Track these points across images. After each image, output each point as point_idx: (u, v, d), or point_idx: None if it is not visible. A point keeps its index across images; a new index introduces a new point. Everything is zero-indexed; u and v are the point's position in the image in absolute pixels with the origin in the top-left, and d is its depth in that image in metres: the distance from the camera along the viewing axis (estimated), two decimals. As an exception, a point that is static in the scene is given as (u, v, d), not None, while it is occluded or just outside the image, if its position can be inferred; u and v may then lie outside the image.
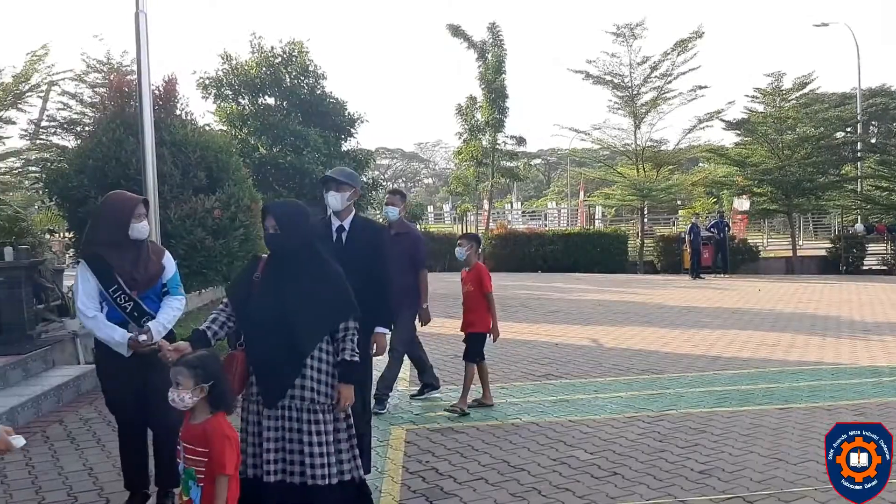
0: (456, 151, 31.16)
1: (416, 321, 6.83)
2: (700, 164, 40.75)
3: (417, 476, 4.99)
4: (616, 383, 7.75)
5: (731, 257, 23.55)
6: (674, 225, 36.64)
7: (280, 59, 21.52)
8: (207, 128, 11.54)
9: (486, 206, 31.43)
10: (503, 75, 28.40)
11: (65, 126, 20.65)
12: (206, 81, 21.30)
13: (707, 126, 28.91)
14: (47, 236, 11.74)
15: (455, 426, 6.17)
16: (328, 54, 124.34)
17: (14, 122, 21.22)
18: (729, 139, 33.16)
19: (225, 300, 3.91)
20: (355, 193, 4.76)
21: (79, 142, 12.02)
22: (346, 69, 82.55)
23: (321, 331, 3.60)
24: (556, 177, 72.59)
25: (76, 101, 20.82)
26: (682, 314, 13.26)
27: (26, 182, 20.96)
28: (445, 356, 9.11)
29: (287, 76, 21.52)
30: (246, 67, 21.38)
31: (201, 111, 29.90)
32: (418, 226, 26.53)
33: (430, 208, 51.43)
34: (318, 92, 21.86)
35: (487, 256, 27.41)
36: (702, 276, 21.99)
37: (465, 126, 29.47)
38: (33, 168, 21.16)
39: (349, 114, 22.19)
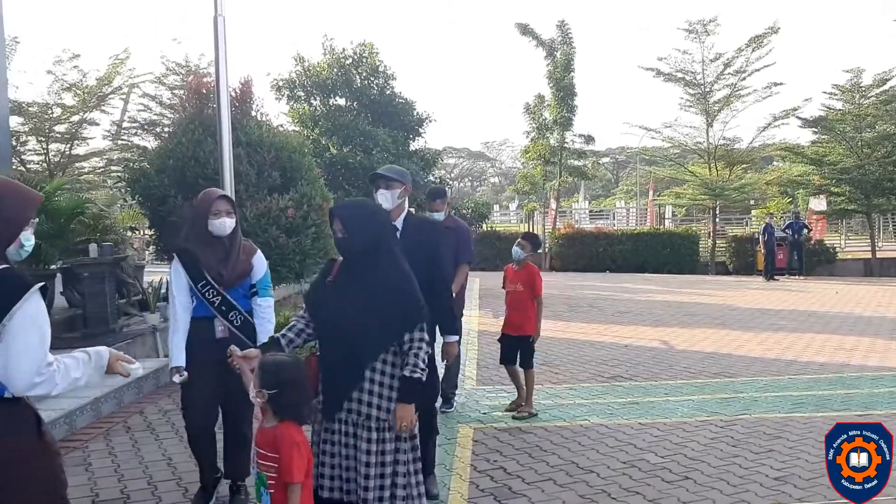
0: (523, 150, 31.01)
1: None
2: (774, 163, 39.64)
3: (486, 475, 5.02)
4: (687, 386, 7.63)
5: (806, 259, 22.86)
6: (747, 225, 35.72)
7: (351, 60, 21.83)
8: (281, 128, 11.79)
9: (553, 205, 31.19)
10: (572, 73, 28.15)
11: (145, 127, 21.37)
12: (280, 83, 21.77)
13: (782, 124, 28.12)
14: (129, 234, 12.16)
15: (523, 426, 6.18)
16: (397, 54, 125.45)
17: (98, 124, 22.13)
18: (805, 137, 32.22)
19: (303, 305, 3.78)
20: (406, 190, 4.52)
21: (158, 142, 12.44)
22: (414, 69, 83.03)
23: (385, 341, 3.33)
24: (624, 175, 71.61)
25: (156, 102, 21.54)
26: (756, 316, 12.95)
27: (109, 181, 21.78)
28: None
29: (357, 77, 21.81)
30: (318, 69, 21.76)
31: (275, 112, 30.53)
32: (484, 225, 26.58)
33: (496, 207, 51.36)
34: (388, 92, 22.09)
35: (554, 256, 27.26)
36: (776, 277, 21.41)
37: (533, 124, 29.31)
38: (115, 167, 21.99)
39: (417, 113, 22.37)
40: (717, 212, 28.91)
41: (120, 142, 22.38)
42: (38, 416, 2.43)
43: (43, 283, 2.34)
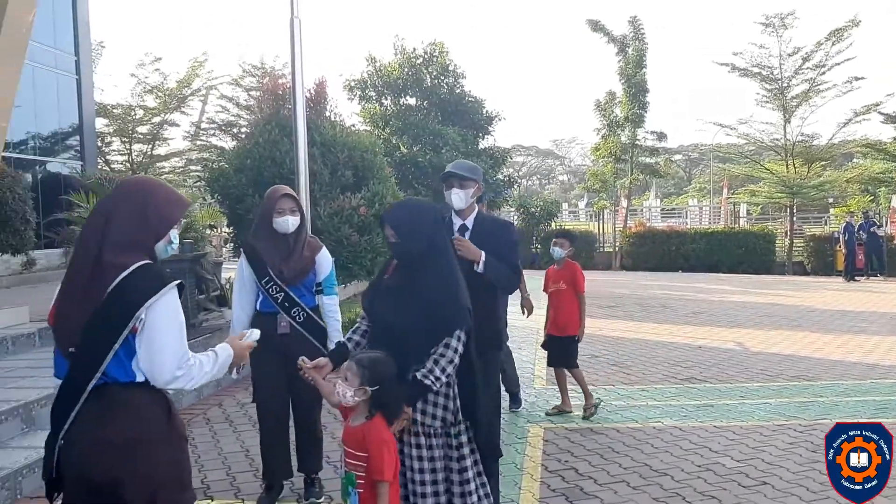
0: (594, 147, 30.72)
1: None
2: (855, 160, 38.23)
3: (557, 475, 5.01)
4: (764, 389, 7.45)
5: (888, 259, 21.98)
6: (825, 224, 34.58)
7: (421, 59, 22.02)
8: (353, 128, 11.98)
9: (624, 204, 30.78)
10: (644, 69, 27.76)
11: (222, 128, 22.03)
12: (352, 84, 22.09)
13: (864, 119, 27.15)
14: (208, 231, 12.53)
15: (594, 426, 6.14)
16: (467, 53, 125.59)
17: (178, 125, 22.98)
18: (888, 133, 30.90)
19: None
20: (479, 189, 4.33)
21: (235, 143, 12.80)
22: (484, 67, 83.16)
23: (428, 344, 3.22)
24: (697, 173, 70.07)
25: (233, 104, 22.22)
26: (836, 318, 12.53)
27: (188, 180, 22.52)
28: (582, 355, 9.08)
29: (427, 76, 21.98)
30: (389, 69, 22.02)
31: (347, 112, 31.00)
32: (553, 224, 26.43)
33: (565, 205, 50.90)
34: (458, 91, 22.20)
35: (624, 255, 26.90)
36: (856, 278, 20.66)
37: (604, 121, 29.02)
38: (194, 167, 22.73)
39: (487, 112, 22.42)
40: (795, 210, 28.09)
41: (198, 142, 23.10)
42: (168, 400, 2.54)
43: (180, 281, 2.47)
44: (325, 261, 4.59)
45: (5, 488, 4.51)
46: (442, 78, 22.04)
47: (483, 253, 4.05)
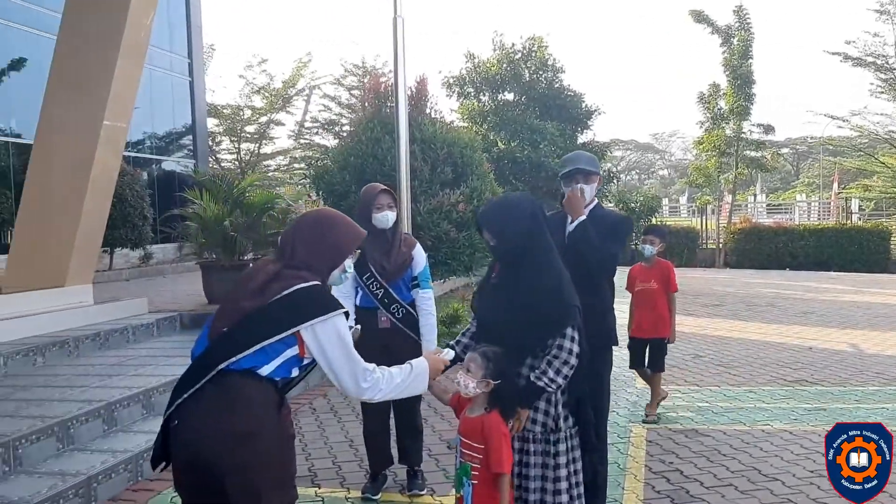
0: (696, 141, 29.86)
1: None
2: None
3: (661, 476, 4.93)
4: (880, 393, 7.10)
5: None
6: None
7: (520, 54, 21.96)
8: (452, 125, 12.07)
9: (728, 199, 29.80)
10: (750, 60, 26.81)
11: (325, 126, 22.60)
12: (451, 80, 22.25)
13: None
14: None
15: (699, 428, 6.00)
16: (566, 47, 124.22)
17: (283, 124, 23.71)
18: None
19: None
20: (600, 181, 4.24)
21: (337, 141, 13.11)
22: (582, 61, 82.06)
23: (530, 344, 3.20)
24: (805, 167, 67.17)
25: (335, 103, 22.76)
26: (961, 321, 11.80)
27: (293, 178, 23.22)
28: (686, 355, 8.88)
29: (526, 71, 21.91)
30: (487, 65, 22.06)
31: (446, 109, 31.27)
32: (653, 219, 25.86)
33: (665, 201, 49.73)
34: (556, 85, 22.03)
35: (729, 252, 26.07)
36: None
37: (708, 114, 28.17)
38: (297, 165, 23.42)
39: (586, 106, 22.16)
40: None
41: (301, 140, 23.78)
42: (282, 399, 2.66)
43: (346, 310, 2.66)
44: (420, 256, 4.64)
45: (127, 470, 4.78)
46: (540, 73, 21.92)
47: (584, 216, 3.92)
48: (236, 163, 22.64)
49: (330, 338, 2.59)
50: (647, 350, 6.39)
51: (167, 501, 4.52)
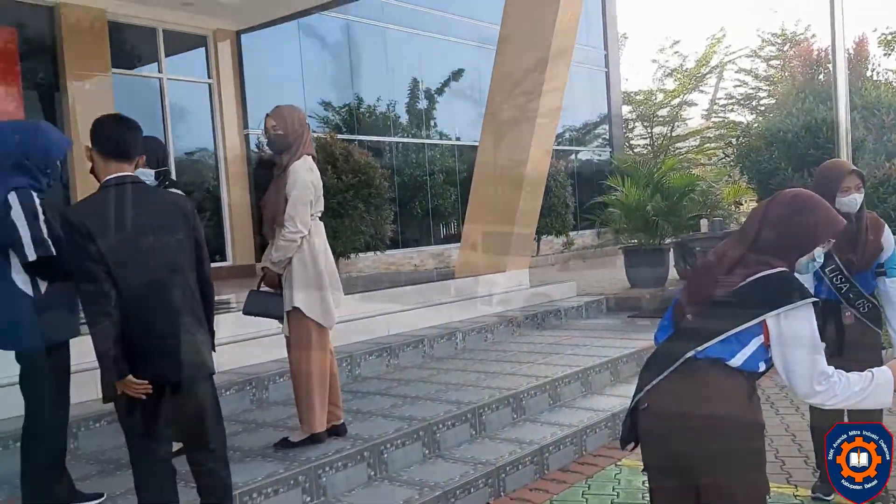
0: None
1: None
2: None
3: None
4: None
5: None
6: None
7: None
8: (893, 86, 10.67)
9: None
10: None
11: (741, 102, 21.59)
12: (890, 37, 19.62)
13: None
14: (734, 208, 12.43)
15: None
16: None
17: (695, 104, 23.21)
18: None
19: None
20: None
21: (754, 116, 12.39)
22: None
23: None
24: None
25: (751, 76, 21.58)
26: None
27: (704, 158, 22.65)
28: None
29: None
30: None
31: (883, 69, 27.72)
32: None
33: None
34: None
35: None
36: None
37: None
38: (710, 145, 22.77)
39: None
40: None
41: (713, 119, 23.03)
42: (753, 387, 2.62)
43: (816, 299, 2.52)
44: (889, 241, 4.17)
45: (573, 444, 5.09)
46: None
47: None
48: (648, 147, 22.76)
49: (795, 330, 2.46)
50: None
51: (611, 476, 4.74)
